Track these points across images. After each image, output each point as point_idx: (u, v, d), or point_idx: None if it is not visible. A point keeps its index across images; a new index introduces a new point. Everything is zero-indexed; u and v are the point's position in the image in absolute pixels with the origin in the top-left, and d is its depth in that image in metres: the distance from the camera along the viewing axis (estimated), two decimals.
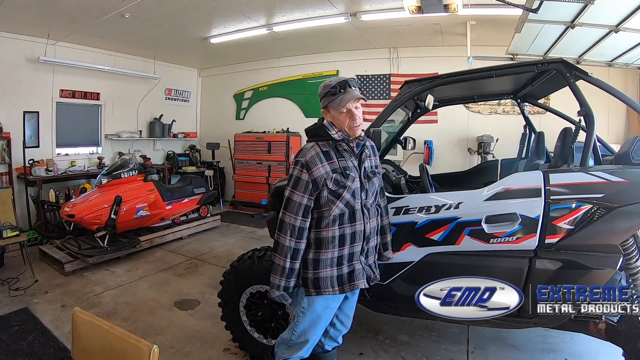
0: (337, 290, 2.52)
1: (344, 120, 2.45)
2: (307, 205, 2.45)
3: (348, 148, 2.52)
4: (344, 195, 2.45)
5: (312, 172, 2.41)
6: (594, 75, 3.04)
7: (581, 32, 4.91)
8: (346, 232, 2.49)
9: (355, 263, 2.56)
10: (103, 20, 6.65)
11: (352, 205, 2.48)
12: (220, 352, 3.81)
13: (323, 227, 2.47)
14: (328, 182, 2.41)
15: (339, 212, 2.45)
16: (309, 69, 9.72)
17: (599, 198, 2.72)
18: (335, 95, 2.44)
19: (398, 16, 6.37)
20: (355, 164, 2.53)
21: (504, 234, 2.86)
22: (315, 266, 2.50)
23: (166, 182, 9.63)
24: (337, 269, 2.51)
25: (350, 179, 2.47)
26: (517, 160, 5.08)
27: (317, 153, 2.46)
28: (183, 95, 11.29)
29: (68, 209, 6.17)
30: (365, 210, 2.55)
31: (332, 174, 2.43)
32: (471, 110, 8.23)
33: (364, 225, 2.54)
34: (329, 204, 2.44)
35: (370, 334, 4.12)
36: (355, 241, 2.53)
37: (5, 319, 4.37)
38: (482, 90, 4.57)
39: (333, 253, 2.49)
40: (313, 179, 2.41)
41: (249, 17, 6.88)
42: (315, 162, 2.43)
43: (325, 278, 2.49)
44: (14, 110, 7.49)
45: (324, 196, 2.43)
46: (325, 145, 2.50)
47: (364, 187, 2.55)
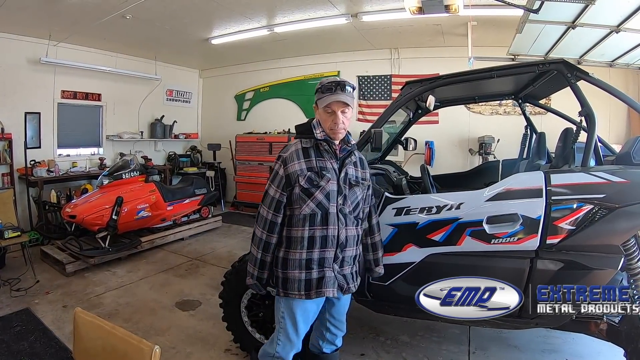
0: (303, 295, 2.46)
1: (326, 120, 2.44)
2: (279, 200, 2.45)
3: (329, 149, 2.49)
4: (316, 195, 2.40)
5: (287, 167, 2.43)
6: (594, 76, 3.04)
7: (582, 33, 4.91)
8: (316, 234, 2.43)
9: (327, 269, 2.48)
10: (104, 22, 6.66)
11: (325, 207, 2.42)
12: (222, 352, 3.81)
13: (293, 226, 2.46)
14: (300, 179, 2.40)
15: (309, 211, 2.41)
16: (310, 69, 9.73)
17: (600, 198, 2.72)
18: (324, 94, 2.43)
19: (399, 17, 6.37)
20: (334, 167, 2.48)
21: (505, 234, 2.86)
22: (284, 266, 2.49)
23: (167, 183, 9.67)
24: (305, 272, 2.45)
25: (325, 180, 2.42)
26: (518, 160, 5.08)
27: (296, 149, 2.48)
28: (184, 96, 11.29)
29: (69, 209, 6.16)
30: (342, 215, 2.48)
31: (307, 172, 2.41)
32: (472, 110, 8.23)
33: (337, 230, 2.47)
34: (299, 202, 2.42)
35: (372, 335, 4.11)
36: (327, 246, 2.46)
37: (6, 320, 4.37)
38: (483, 90, 4.57)
39: (301, 254, 2.44)
40: (287, 174, 2.42)
41: (249, 17, 6.89)
42: (292, 158, 2.44)
43: (293, 280, 2.46)
44: (16, 111, 7.49)
45: (296, 193, 2.42)
46: (307, 143, 2.51)
47: (342, 191, 2.48)
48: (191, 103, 11.57)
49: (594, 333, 3.08)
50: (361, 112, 9.25)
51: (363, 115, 9.20)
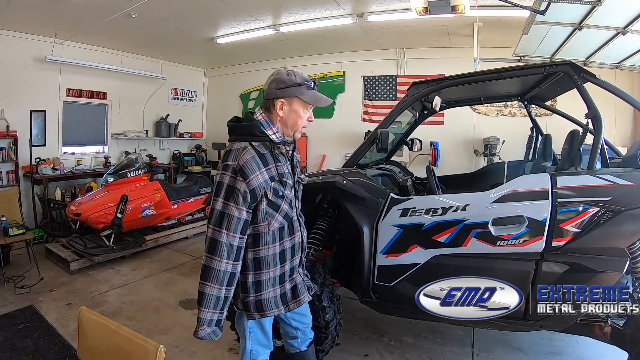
0: (282, 309, 2.30)
1: (302, 120, 2.20)
2: (246, 220, 2.07)
3: (284, 152, 2.24)
4: (283, 207, 2.19)
5: (250, 180, 2.03)
6: (601, 78, 3.04)
7: (588, 34, 4.88)
8: (286, 246, 2.26)
9: (296, 277, 2.37)
10: (109, 20, 6.66)
11: (290, 216, 2.25)
12: (225, 352, 3.81)
13: (262, 245, 2.18)
14: (268, 192, 2.10)
15: (278, 225, 2.19)
16: (315, 69, 9.66)
17: (606, 201, 2.71)
18: (310, 89, 2.18)
19: (405, 17, 6.34)
20: (289, 170, 2.28)
21: (510, 236, 2.86)
22: (257, 289, 2.22)
23: (172, 181, 9.68)
24: (280, 287, 2.28)
25: (288, 187, 2.21)
26: (523, 162, 5.07)
27: (252, 157, 2.07)
28: (189, 95, 11.28)
29: (74, 207, 6.19)
30: (300, 219, 2.39)
31: (271, 183, 2.11)
32: (477, 112, 8.20)
33: (301, 235, 2.36)
34: (267, 218, 2.14)
35: (375, 336, 4.11)
36: (295, 254, 2.33)
37: (10, 317, 4.38)
38: (489, 92, 4.57)
39: (275, 272, 2.24)
40: (252, 188, 2.04)
41: (255, 17, 6.88)
42: (252, 168, 2.04)
43: (269, 299, 2.24)
44: (21, 109, 7.51)
45: (262, 209, 2.12)
46: (261, 147, 2.13)
47: (297, 194, 2.35)
48: (196, 102, 11.55)
49: (598, 336, 3.08)
50: (366, 112, 9.23)
51: (368, 116, 9.18)
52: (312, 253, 3.53)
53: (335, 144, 9.50)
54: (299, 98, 2.15)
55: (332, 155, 9.54)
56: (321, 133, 9.59)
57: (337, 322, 3.28)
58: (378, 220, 3.24)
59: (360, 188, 3.32)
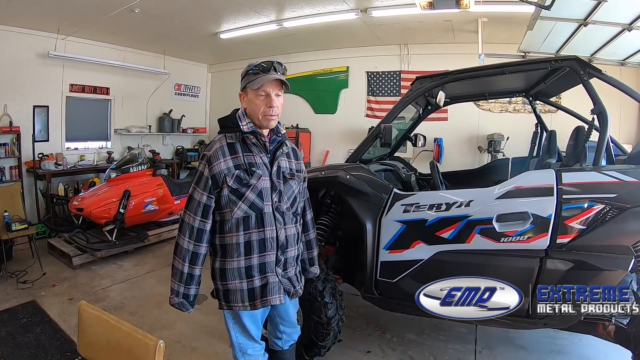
0: (248, 305, 2.28)
1: (259, 106, 2.21)
2: (206, 204, 2.20)
3: (257, 142, 2.27)
4: (248, 195, 2.19)
5: (213, 167, 2.18)
6: (607, 74, 3.01)
7: (594, 31, 4.84)
8: (253, 238, 2.23)
9: (270, 275, 2.29)
10: (113, 16, 6.65)
11: (258, 207, 2.22)
12: (227, 347, 3.77)
13: (226, 232, 2.24)
14: (228, 179, 2.17)
15: (242, 214, 2.20)
16: (319, 65, 9.68)
17: (611, 198, 2.69)
18: (257, 75, 2.19)
19: (409, 12, 6.32)
20: (265, 161, 2.28)
21: (515, 233, 2.84)
22: (223, 277, 2.28)
23: (175, 177, 9.70)
24: (247, 281, 2.25)
25: (256, 177, 2.21)
26: (528, 158, 5.05)
27: (221, 146, 2.23)
28: (192, 90, 11.26)
29: (77, 202, 6.19)
30: (279, 214, 2.30)
31: (234, 170, 2.18)
32: (481, 108, 8.17)
33: (276, 231, 2.28)
34: (230, 205, 2.20)
35: (378, 332, 4.10)
36: (267, 250, 2.26)
37: (12, 312, 4.39)
38: (493, 87, 4.55)
39: (239, 262, 2.24)
40: (212, 174, 2.18)
41: (259, 12, 6.86)
42: (217, 156, 2.19)
43: (235, 291, 2.26)
44: (24, 104, 7.50)
45: (224, 195, 2.19)
46: (232, 137, 2.26)
47: (275, 187, 2.29)
48: (199, 97, 11.54)
49: (601, 335, 3.05)
50: (370, 108, 9.21)
51: (372, 111, 9.15)
52: None
53: (338, 139, 9.49)
54: (248, 86, 2.25)
55: (335, 151, 9.53)
56: (325, 129, 9.61)
57: (339, 318, 3.27)
58: (381, 216, 3.22)
59: (364, 183, 3.30)
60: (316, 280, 3.06)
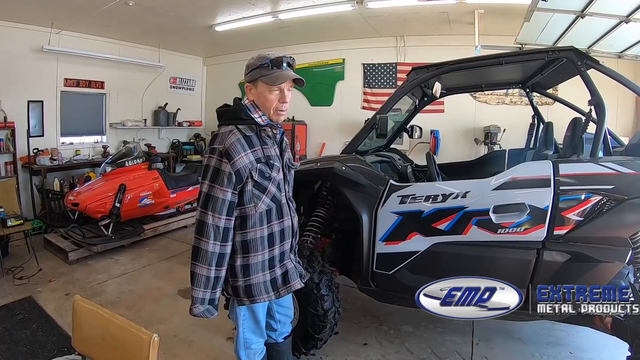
0: (273, 295, 2.30)
1: (272, 101, 2.18)
2: (231, 201, 2.10)
3: (272, 134, 2.27)
4: (270, 189, 2.19)
5: (235, 161, 2.06)
6: (605, 65, 2.99)
7: (591, 22, 4.83)
8: (275, 229, 2.26)
9: (287, 262, 2.36)
10: (107, 9, 6.59)
11: (278, 199, 2.25)
12: (224, 340, 3.80)
13: (250, 228, 2.19)
14: (254, 173, 2.11)
15: (265, 208, 2.19)
16: (314, 57, 9.62)
17: (609, 189, 2.69)
18: (272, 70, 2.14)
19: (405, 3, 6.28)
20: (277, 153, 2.29)
21: (512, 224, 2.84)
22: (246, 273, 2.23)
23: (171, 170, 9.64)
24: (269, 272, 2.27)
25: (276, 170, 2.22)
26: (525, 150, 5.03)
27: (238, 139, 2.10)
28: (188, 83, 11.20)
29: (72, 197, 6.17)
30: (290, 203, 2.39)
31: (257, 164, 2.13)
32: (478, 100, 8.15)
33: (291, 219, 2.35)
34: (254, 200, 2.16)
35: (375, 324, 4.10)
36: (285, 239, 2.32)
37: (9, 308, 4.38)
38: (490, 79, 4.53)
39: (264, 255, 2.23)
40: (236, 169, 2.06)
41: (253, 4, 6.81)
42: (237, 150, 2.07)
43: (258, 284, 2.24)
44: (19, 99, 7.44)
45: (248, 190, 2.13)
46: (246, 130, 2.17)
47: (286, 178, 2.34)
48: (195, 91, 11.48)
49: (598, 327, 3.06)
50: (366, 100, 9.18)
51: (368, 104, 9.12)
52: (311, 241, 3.51)
53: (335, 132, 9.46)
54: (261, 80, 2.16)
55: (331, 144, 9.50)
56: (321, 121, 9.58)
57: (335, 310, 3.26)
58: (377, 208, 3.21)
59: (360, 174, 3.29)
60: (312, 272, 3.06)
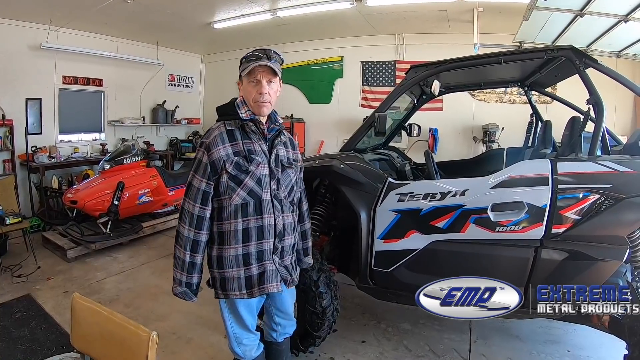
0: (245, 294, 2.29)
1: (251, 92, 2.24)
2: (205, 191, 2.22)
3: (257, 129, 2.28)
4: (246, 182, 2.21)
5: (212, 153, 2.19)
6: (603, 64, 3.00)
7: (590, 21, 4.83)
8: (251, 225, 2.24)
9: (267, 263, 2.30)
10: (105, 6, 6.57)
11: (257, 194, 2.24)
12: (222, 338, 3.80)
13: (225, 219, 2.25)
14: (227, 165, 2.18)
15: (240, 201, 2.22)
16: (313, 55, 9.63)
17: (607, 188, 2.69)
18: (249, 62, 2.21)
19: (404, 1, 6.29)
20: (264, 149, 2.29)
21: (510, 222, 2.84)
22: (220, 265, 2.28)
23: (169, 168, 9.67)
24: (244, 269, 2.26)
25: (255, 164, 2.22)
26: (523, 149, 5.04)
27: (220, 133, 2.24)
28: (186, 81, 11.19)
29: (71, 195, 6.16)
30: (277, 202, 2.32)
31: (234, 157, 2.20)
32: (477, 98, 8.16)
33: (274, 219, 2.30)
34: (229, 192, 2.21)
35: (373, 322, 4.11)
36: (264, 237, 2.28)
37: (7, 306, 4.38)
38: (488, 77, 4.54)
39: (237, 250, 2.24)
40: (212, 161, 2.19)
41: (253, 2, 6.79)
42: (216, 143, 2.20)
43: (232, 279, 2.27)
44: (17, 97, 7.42)
45: (223, 182, 2.20)
46: (231, 125, 2.28)
47: (274, 175, 2.30)
48: (193, 88, 11.46)
49: (596, 325, 3.06)
50: (365, 97, 9.18)
51: (367, 101, 9.12)
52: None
53: (333, 129, 9.46)
54: (242, 74, 2.28)
55: (330, 141, 9.49)
56: (319, 119, 9.59)
57: (334, 308, 3.27)
58: (375, 205, 3.22)
59: (358, 172, 3.29)
60: (311, 270, 3.07)
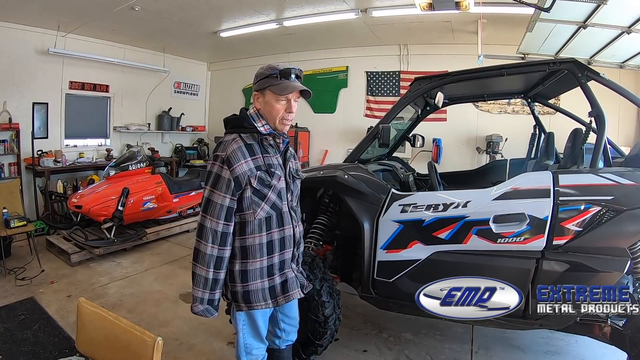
0: (270, 303, 2.31)
1: (279, 111, 2.20)
2: (229, 207, 2.16)
3: (274, 143, 2.29)
4: (269, 196, 2.22)
5: (235, 168, 2.12)
6: (605, 76, 3.02)
7: (593, 33, 4.86)
8: (274, 237, 2.28)
9: (288, 271, 2.36)
10: (113, 13, 6.65)
11: (279, 207, 2.27)
12: (225, 345, 3.81)
13: (249, 234, 2.23)
14: (252, 180, 2.15)
15: (264, 215, 2.22)
16: (318, 64, 9.67)
17: (608, 200, 2.70)
18: (280, 80, 2.17)
19: (409, 13, 6.33)
20: (280, 162, 2.32)
21: (511, 234, 2.85)
22: (244, 278, 2.26)
23: (174, 175, 9.69)
24: (268, 280, 2.29)
25: (276, 178, 2.24)
26: (526, 160, 5.06)
27: (239, 147, 2.16)
28: (192, 88, 11.26)
29: (75, 200, 6.19)
30: (293, 212, 2.38)
31: (257, 172, 2.17)
32: (480, 109, 8.17)
33: (292, 229, 2.35)
34: (253, 207, 2.19)
35: (375, 331, 4.11)
36: (286, 247, 2.33)
37: (11, 308, 4.40)
38: (492, 89, 4.56)
39: (262, 262, 2.25)
40: (235, 176, 2.12)
41: (259, 11, 6.86)
42: (237, 158, 2.13)
43: (256, 291, 2.27)
44: (24, 101, 7.50)
45: (247, 197, 2.17)
46: (249, 138, 2.22)
47: (289, 187, 2.36)
48: (199, 95, 11.53)
49: (597, 336, 3.06)
50: (369, 107, 9.21)
51: (371, 111, 9.16)
52: (313, 248, 3.54)
53: (337, 139, 9.50)
54: (269, 89, 2.19)
55: (334, 151, 9.54)
56: (324, 128, 9.62)
57: (336, 317, 3.27)
58: (379, 216, 3.23)
59: (362, 183, 3.31)
60: (314, 279, 3.08)
